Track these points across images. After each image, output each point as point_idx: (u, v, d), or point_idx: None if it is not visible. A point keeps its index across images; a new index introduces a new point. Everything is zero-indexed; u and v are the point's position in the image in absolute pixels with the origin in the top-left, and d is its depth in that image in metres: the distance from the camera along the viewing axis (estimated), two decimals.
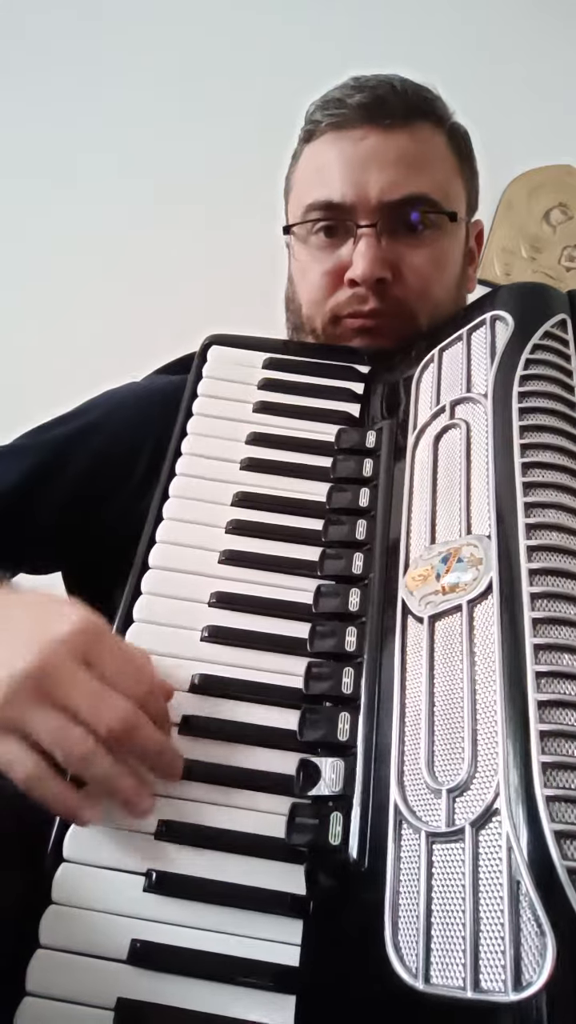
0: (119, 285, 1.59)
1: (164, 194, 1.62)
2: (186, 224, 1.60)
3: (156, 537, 0.63)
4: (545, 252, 1.49)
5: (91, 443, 0.79)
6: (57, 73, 1.68)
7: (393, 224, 0.74)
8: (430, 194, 0.75)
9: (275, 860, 0.50)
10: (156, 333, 1.29)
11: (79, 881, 0.49)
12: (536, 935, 0.39)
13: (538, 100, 1.66)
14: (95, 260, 1.59)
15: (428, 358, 0.67)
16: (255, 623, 0.58)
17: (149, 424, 0.78)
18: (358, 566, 0.59)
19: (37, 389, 1.20)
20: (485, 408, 0.58)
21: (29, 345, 1.54)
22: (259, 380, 0.72)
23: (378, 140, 0.75)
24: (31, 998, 0.46)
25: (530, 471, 0.53)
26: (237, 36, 1.69)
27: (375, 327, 0.76)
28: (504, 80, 1.65)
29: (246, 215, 1.33)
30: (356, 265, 0.73)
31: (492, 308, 0.64)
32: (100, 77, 1.69)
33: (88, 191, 1.63)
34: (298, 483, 0.66)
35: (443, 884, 0.43)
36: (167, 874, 0.49)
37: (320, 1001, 0.46)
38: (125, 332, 1.51)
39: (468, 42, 1.69)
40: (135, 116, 1.67)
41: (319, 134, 0.78)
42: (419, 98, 0.77)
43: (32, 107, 1.67)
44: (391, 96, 0.75)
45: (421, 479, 0.60)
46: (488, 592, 0.50)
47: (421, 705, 0.49)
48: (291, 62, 1.64)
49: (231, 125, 1.65)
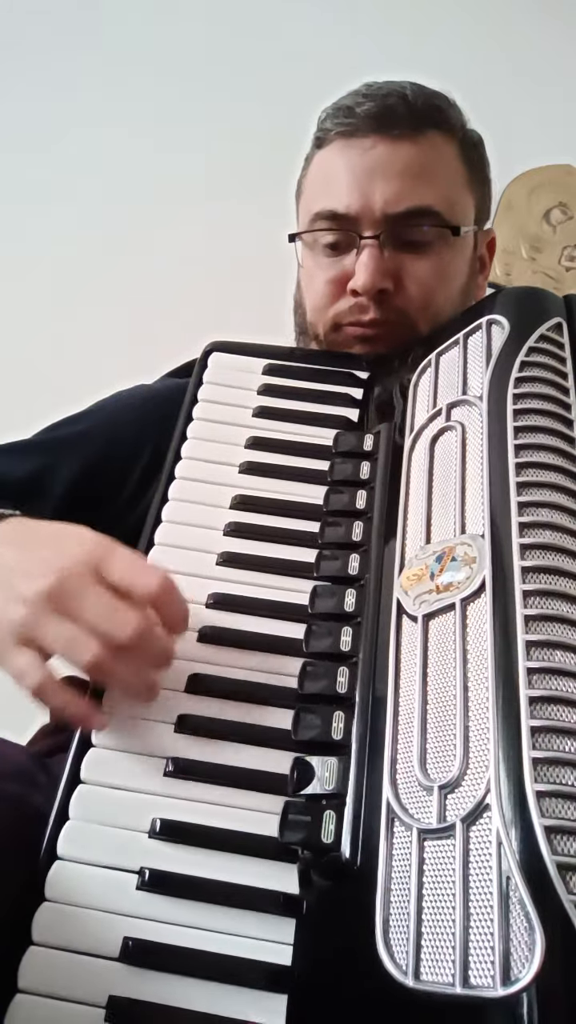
0: (127, 287, 1.60)
1: (167, 195, 1.63)
2: (191, 227, 1.61)
3: (155, 539, 0.63)
4: (545, 252, 1.49)
5: (90, 447, 0.81)
6: (57, 73, 1.69)
7: (396, 235, 0.75)
8: (435, 206, 0.75)
9: (268, 859, 0.50)
10: (167, 335, 1.30)
11: (72, 879, 0.49)
12: (525, 930, 0.38)
13: (538, 100, 1.66)
14: (98, 262, 1.61)
15: (425, 362, 0.67)
16: (252, 624, 0.59)
17: (150, 429, 0.79)
18: (354, 567, 0.59)
19: (45, 389, 1.22)
20: (480, 410, 0.59)
21: (39, 344, 1.56)
22: (259, 386, 0.73)
23: (385, 150, 0.75)
24: (23, 995, 0.46)
25: (524, 471, 0.54)
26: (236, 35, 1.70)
27: (375, 336, 0.77)
28: (504, 80, 1.65)
29: (255, 218, 1.34)
30: (358, 276, 0.74)
31: (488, 312, 0.64)
32: (99, 78, 1.70)
33: (88, 191, 1.65)
34: (296, 486, 0.66)
35: (434, 880, 0.43)
36: (160, 872, 0.49)
37: (311, 1000, 0.45)
38: (137, 333, 1.52)
39: (468, 42, 1.69)
40: (137, 119, 1.68)
41: (328, 141, 0.78)
42: (430, 107, 0.77)
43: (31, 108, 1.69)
44: (401, 106, 0.76)
45: (417, 481, 0.60)
46: (481, 590, 0.50)
47: (414, 703, 0.49)
48: (291, 62, 1.66)
49: (233, 125, 1.66)
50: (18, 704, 0.54)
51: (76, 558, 0.52)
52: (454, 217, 0.77)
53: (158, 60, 1.71)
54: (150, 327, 1.54)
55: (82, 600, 0.51)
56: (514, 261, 1.45)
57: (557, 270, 1.50)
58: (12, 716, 0.67)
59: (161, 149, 1.67)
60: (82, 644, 0.50)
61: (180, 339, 0.85)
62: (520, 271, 1.47)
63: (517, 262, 1.46)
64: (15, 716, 0.67)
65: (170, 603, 0.53)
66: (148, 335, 1.51)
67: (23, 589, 0.52)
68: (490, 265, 0.88)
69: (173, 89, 1.70)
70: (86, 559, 0.53)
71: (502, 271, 1.44)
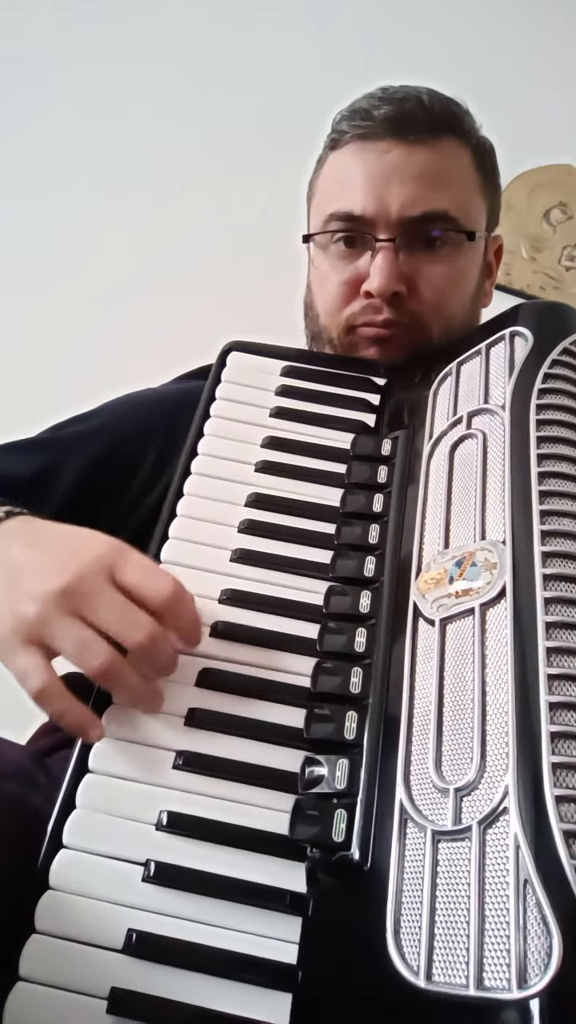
0: (126, 287, 1.60)
1: (172, 195, 1.64)
2: (197, 229, 1.61)
3: (169, 533, 0.63)
4: (545, 252, 1.50)
5: (95, 447, 0.81)
6: (57, 73, 1.70)
7: (411, 239, 0.75)
8: (450, 211, 0.76)
9: (276, 856, 0.49)
10: (168, 336, 1.30)
11: (77, 868, 0.49)
12: (542, 934, 0.38)
13: (538, 100, 1.67)
14: (99, 261, 1.61)
15: (446, 371, 0.67)
16: (265, 621, 0.58)
17: (156, 430, 0.79)
18: (369, 569, 0.59)
19: (45, 390, 1.21)
20: (503, 419, 0.59)
21: (33, 346, 1.55)
22: (277, 386, 0.73)
23: (402, 154, 0.75)
24: (24, 983, 0.45)
25: (546, 480, 0.54)
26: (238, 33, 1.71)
27: (388, 337, 0.77)
28: (504, 79, 1.65)
29: (265, 220, 1.35)
30: (373, 278, 0.74)
31: (512, 324, 0.65)
32: (100, 75, 1.70)
33: (89, 193, 1.65)
34: (312, 487, 0.66)
35: (448, 882, 0.42)
36: (166, 865, 0.49)
37: (317, 1000, 0.45)
38: (136, 334, 1.52)
39: (468, 41, 1.71)
40: (140, 121, 1.69)
41: (344, 143, 0.79)
42: (447, 113, 0.78)
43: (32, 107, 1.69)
44: (418, 110, 0.76)
45: (436, 486, 0.60)
46: (501, 596, 0.50)
47: (430, 705, 0.49)
48: (292, 61, 1.66)
49: (236, 127, 1.66)
50: (18, 704, 0.53)
51: (90, 559, 0.52)
52: (468, 222, 0.78)
53: (159, 60, 1.72)
54: (152, 328, 1.54)
55: (95, 602, 0.50)
56: (514, 261, 1.46)
57: (557, 270, 1.51)
58: (12, 716, 0.67)
59: (161, 148, 1.67)
60: (93, 647, 0.49)
61: (181, 340, 0.85)
62: (520, 271, 1.47)
63: (517, 262, 1.46)
64: (15, 716, 0.66)
65: (183, 612, 0.53)
66: (148, 336, 1.52)
67: (33, 587, 0.51)
68: (497, 271, 0.89)
69: (174, 89, 1.70)
70: (100, 561, 0.52)
71: (502, 271, 1.44)
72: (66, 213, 1.63)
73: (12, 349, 1.55)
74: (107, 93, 1.70)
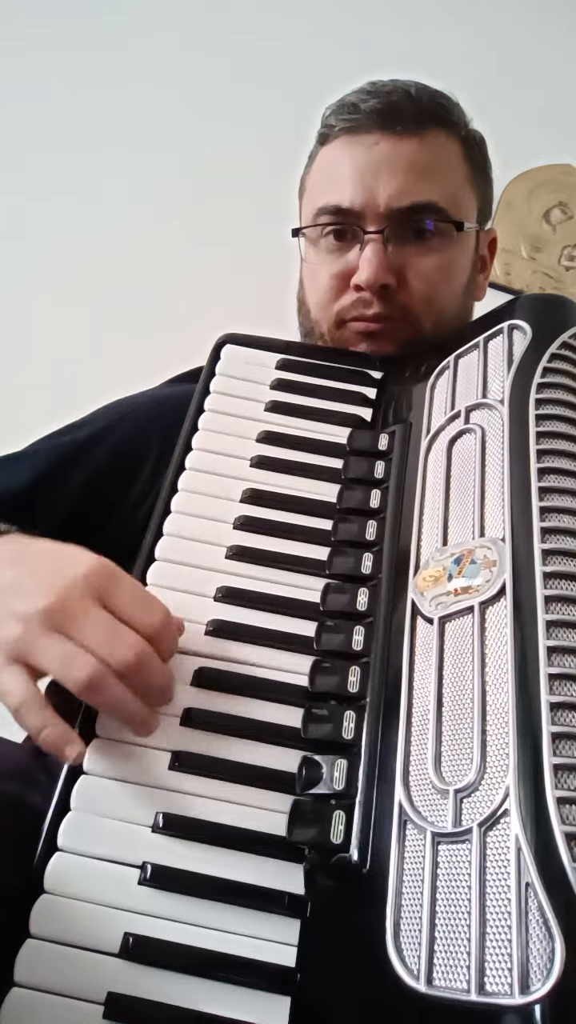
0: (125, 292, 1.59)
1: (169, 197, 1.63)
2: (190, 230, 1.61)
3: (164, 530, 0.62)
4: (545, 252, 1.50)
5: (94, 455, 0.79)
6: (56, 73, 1.68)
7: (400, 231, 0.75)
8: (439, 202, 0.76)
9: (274, 858, 0.49)
10: (162, 343, 1.29)
11: (73, 871, 0.48)
12: (544, 938, 0.38)
13: (538, 100, 1.67)
14: (97, 261, 1.60)
15: (443, 365, 0.67)
16: (261, 619, 0.58)
17: (153, 435, 0.78)
18: (367, 566, 0.59)
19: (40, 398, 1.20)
20: (501, 414, 0.58)
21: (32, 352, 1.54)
22: (272, 380, 0.72)
23: (390, 147, 0.75)
24: (19, 989, 0.45)
25: (546, 476, 0.53)
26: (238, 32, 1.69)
27: (379, 331, 0.76)
28: (504, 79, 1.65)
29: (257, 219, 1.34)
30: (362, 270, 0.74)
31: (510, 317, 0.64)
32: (100, 75, 1.69)
33: (90, 191, 1.64)
34: (308, 483, 0.65)
35: (448, 884, 0.42)
36: (163, 868, 0.48)
37: (316, 1004, 0.45)
38: (135, 334, 1.51)
39: (468, 41, 1.70)
40: (140, 121, 1.67)
41: (333, 138, 0.78)
42: (434, 105, 0.78)
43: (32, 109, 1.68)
44: (405, 103, 0.76)
45: (434, 482, 0.60)
46: (501, 594, 0.49)
47: (429, 705, 0.49)
48: (291, 60, 1.66)
49: (236, 127, 1.66)
50: None
51: (76, 579, 0.50)
52: (457, 213, 0.77)
53: (158, 60, 1.71)
54: (152, 327, 1.53)
55: (82, 621, 0.49)
56: (514, 261, 1.45)
57: (557, 270, 1.50)
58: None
59: (161, 146, 1.66)
60: (78, 660, 0.48)
61: (181, 340, 0.84)
62: (520, 271, 1.47)
63: (517, 262, 1.46)
64: None
65: (168, 640, 0.52)
66: (148, 335, 1.51)
67: (18, 607, 0.49)
68: (491, 264, 0.88)
69: (173, 91, 1.69)
70: (86, 581, 0.50)
71: (502, 271, 1.44)
72: (66, 213, 1.62)
73: (12, 349, 1.53)
74: (107, 93, 1.69)
